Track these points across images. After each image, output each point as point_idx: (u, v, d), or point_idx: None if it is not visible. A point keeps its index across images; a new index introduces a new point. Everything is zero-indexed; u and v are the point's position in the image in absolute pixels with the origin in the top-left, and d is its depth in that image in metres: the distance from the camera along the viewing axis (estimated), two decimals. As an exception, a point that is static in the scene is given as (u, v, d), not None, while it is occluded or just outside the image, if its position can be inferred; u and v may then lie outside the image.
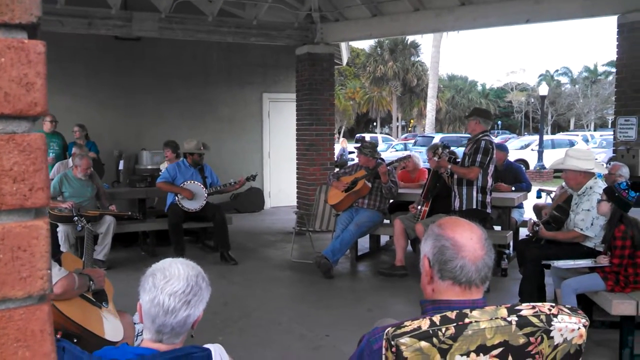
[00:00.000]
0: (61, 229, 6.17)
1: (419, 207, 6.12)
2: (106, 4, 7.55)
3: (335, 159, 11.07)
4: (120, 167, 9.64)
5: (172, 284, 1.66)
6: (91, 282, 2.74)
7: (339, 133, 42.86)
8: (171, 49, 10.01)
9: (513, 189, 6.72)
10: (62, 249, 6.05)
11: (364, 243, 7.39)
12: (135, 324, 2.90)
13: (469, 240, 1.63)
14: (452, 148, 6.13)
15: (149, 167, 9.50)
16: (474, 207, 5.54)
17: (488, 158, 5.51)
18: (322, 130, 9.00)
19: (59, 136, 8.32)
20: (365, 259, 7.23)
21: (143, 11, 7.95)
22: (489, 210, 5.68)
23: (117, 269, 6.48)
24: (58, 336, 2.36)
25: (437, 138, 23.33)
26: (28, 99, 0.78)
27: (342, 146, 21.54)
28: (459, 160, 5.91)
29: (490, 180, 5.62)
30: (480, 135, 5.59)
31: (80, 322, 2.50)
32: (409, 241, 6.45)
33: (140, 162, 9.77)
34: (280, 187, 11.23)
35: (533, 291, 4.68)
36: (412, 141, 28.44)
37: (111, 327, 2.67)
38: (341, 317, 4.93)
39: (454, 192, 5.71)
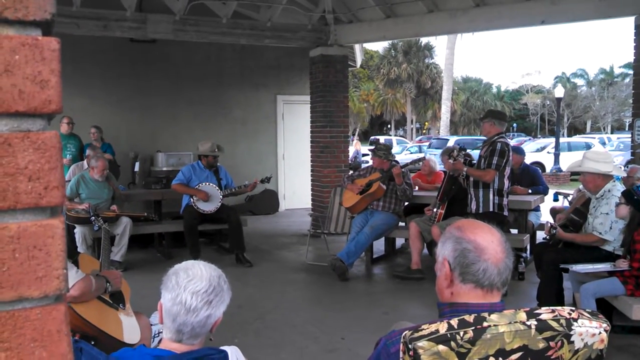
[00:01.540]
0: (78, 230, 6.22)
1: (435, 210, 6.08)
2: (121, 6, 7.60)
3: (349, 162, 11.05)
4: (136, 168, 9.71)
5: (195, 283, 1.68)
6: (108, 284, 2.74)
7: (353, 135, 42.76)
8: (185, 51, 10.07)
9: (529, 191, 6.66)
10: (79, 250, 6.10)
11: (379, 246, 7.36)
12: (152, 325, 2.91)
13: (490, 243, 1.61)
14: (467, 150, 6.09)
15: (164, 168, 9.55)
16: (491, 209, 5.49)
17: (504, 160, 5.46)
18: (336, 132, 8.99)
19: (76, 138, 8.39)
20: (380, 261, 7.19)
21: (157, 13, 7.99)
22: (505, 213, 5.62)
23: (134, 270, 6.52)
24: (76, 338, 2.36)
25: (452, 140, 23.21)
26: (42, 96, 0.78)
27: (356, 148, 21.48)
28: (474, 162, 5.87)
29: (506, 183, 5.57)
30: (496, 138, 5.54)
31: (98, 324, 2.51)
32: (425, 244, 6.41)
33: (156, 164, 9.83)
34: (295, 189, 11.23)
35: (551, 295, 4.61)
36: (427, 143, 28.33)
37: (128, 329, 2.67)
38: (357, 320, 4.91)
39: (470, 194, 5.67)
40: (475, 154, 7.00)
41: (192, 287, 1.67)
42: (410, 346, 1.42)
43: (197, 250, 6.81)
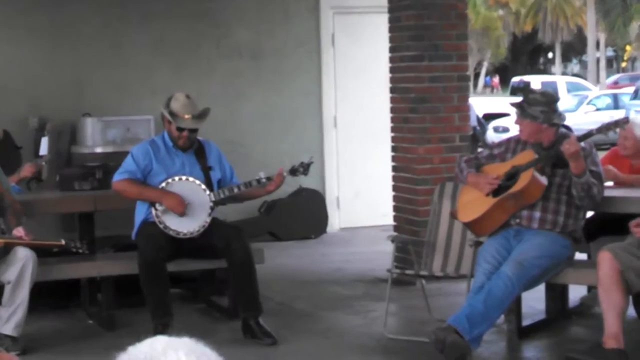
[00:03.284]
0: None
1: (652, 227, 5.99)
2: None
3: (470, 131, 10.98)
4: (43, 150, 9.81)
5: None
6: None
7: (477, 76, 42.60)
8: None
9: None
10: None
11: (534, 301, 7.30)
12: None
13: None
14: None
15: (98, 149, 9.65)
16: None
17: None
18: (442, 69, 8.93)
19: None
20: (538, 333, 7.16)
21: None
22: None
23: (41, 351, 6.63)
24: None
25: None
26: None
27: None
28: None
29: None
30: None
31: None
32: (631, 297, 6.31)
33: (82, 140, 9.93)
34: (359, 187, 11.29)
35: None
36: (631, 90, 27.91)
37: None
38: None
39: None
40: None
41: None
42: None
43: (165, 312, 6.86)
